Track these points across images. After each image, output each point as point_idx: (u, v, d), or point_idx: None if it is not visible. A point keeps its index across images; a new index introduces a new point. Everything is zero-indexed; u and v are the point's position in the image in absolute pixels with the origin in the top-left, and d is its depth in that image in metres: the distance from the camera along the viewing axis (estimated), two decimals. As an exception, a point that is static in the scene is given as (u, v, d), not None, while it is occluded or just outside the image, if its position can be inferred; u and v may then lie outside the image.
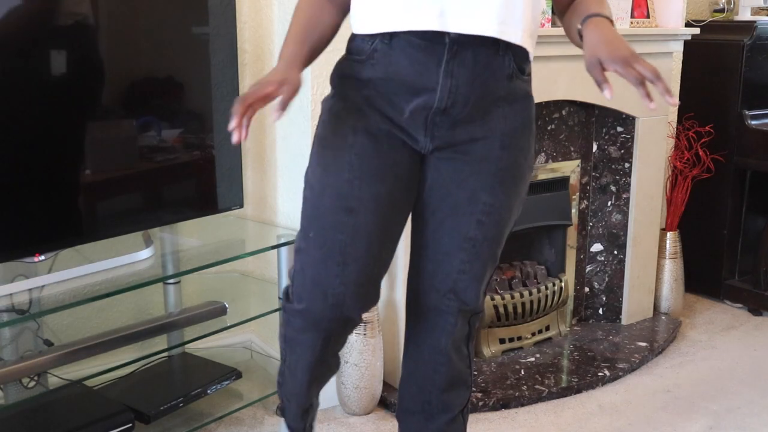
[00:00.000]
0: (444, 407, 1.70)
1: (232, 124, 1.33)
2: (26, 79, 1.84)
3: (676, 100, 1.31)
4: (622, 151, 2.96)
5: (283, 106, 1.36)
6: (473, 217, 1.55)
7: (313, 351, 1.61)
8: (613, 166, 2.98)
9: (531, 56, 1.54)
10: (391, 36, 1.46)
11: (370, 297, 1.58)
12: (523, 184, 1.60)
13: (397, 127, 1.51)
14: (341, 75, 1.57)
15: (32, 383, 2.01)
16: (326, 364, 1.68)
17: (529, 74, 1.57)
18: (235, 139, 1.34)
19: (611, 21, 1.42)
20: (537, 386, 2.56)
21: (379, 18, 1.46)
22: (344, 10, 1.58)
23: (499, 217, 1.56)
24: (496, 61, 1.47)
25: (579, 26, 1.43)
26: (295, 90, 1.41)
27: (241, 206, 2.33)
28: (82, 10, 1.91)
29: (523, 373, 2.66)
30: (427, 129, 1.50)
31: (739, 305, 3.37)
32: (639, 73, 1.30)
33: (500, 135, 1.52)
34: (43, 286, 1.95)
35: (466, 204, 1.55)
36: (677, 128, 3.19)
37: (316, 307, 1.54)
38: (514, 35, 1.46)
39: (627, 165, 2.97)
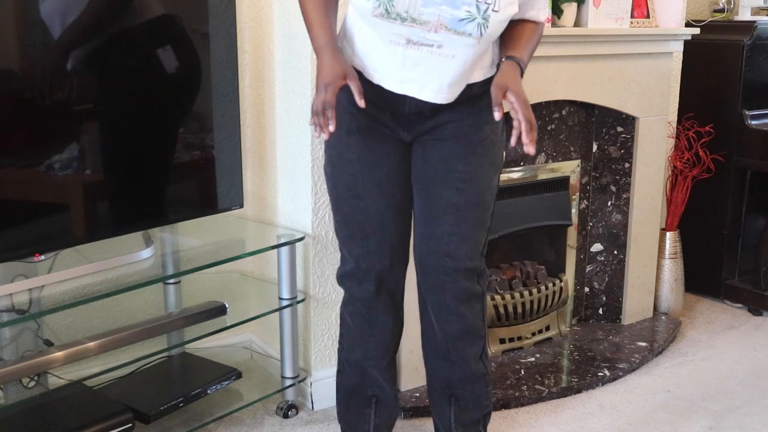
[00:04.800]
0: (462, 356, 1.96)
1: (317, 130, 1.64)
2: (21, 79, 1.85)
3: (534, 151, 1.65)
4: (622, 151, 2.96)
5: (361, 94, 1.64)
6: (453, 184, 1.83)
7: (364, 304, 1.94)
8: (613, 166, 2.98)
9: (492, 62, 1.81)
10: None
11: (397, 257, 1.93)
12: (496, 153, 1.88)
13: (383, 124, 1.83)
14: None
15: (32, 383, 2.01)
16: (379, 320, 1.97)
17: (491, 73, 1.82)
18: (325, 136, 1.65)
19: (522, 69, 1.74)
20: (537, 386, 2.56)
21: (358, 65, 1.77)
22: None
23: (476, 184, 1.84)
24: None
25: (503, 58, 1.74)
26: (355, 76, 1.67)
27: (241, 206, 2.33)
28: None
29: (523, 373, 2.66)
30: (404, 126, 1.83)
31: (739, 305, 3.37)
32: (526, 118, 1.63)
33: (467, 116, 1.81)
34: (43, 286, 1.95)
35: (444, 174, 1.83)
36: (677, 128, 3.19)
37: (356, 269, 1.92)
38: (462, 89, 1.77)
39: (627, 165, 2.97)
